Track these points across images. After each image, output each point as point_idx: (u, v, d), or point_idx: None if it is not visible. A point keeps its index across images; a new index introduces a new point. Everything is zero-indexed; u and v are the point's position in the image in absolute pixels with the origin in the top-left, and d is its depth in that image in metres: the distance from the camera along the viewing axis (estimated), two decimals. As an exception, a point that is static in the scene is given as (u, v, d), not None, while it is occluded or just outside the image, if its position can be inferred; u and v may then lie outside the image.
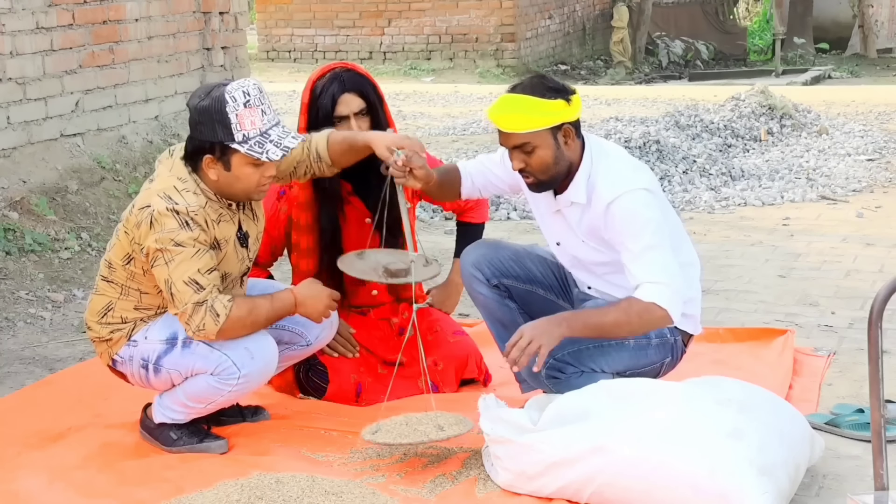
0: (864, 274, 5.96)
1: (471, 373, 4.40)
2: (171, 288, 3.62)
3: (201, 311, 3.60)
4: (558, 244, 3.91)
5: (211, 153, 3.65)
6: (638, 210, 3.66)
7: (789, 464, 3.34)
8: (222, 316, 3.60)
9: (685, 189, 8.12)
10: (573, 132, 3.70)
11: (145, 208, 3.63)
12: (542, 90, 3.66)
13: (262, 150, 3.62)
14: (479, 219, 4.54)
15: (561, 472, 3.39)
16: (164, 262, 3.61)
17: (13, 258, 5.96)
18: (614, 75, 18.11)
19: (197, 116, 3.66)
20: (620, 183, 3.69)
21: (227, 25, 8.45)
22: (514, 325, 4.01)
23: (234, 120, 3.60)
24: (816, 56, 20.43)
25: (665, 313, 3.64)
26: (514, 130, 3.67)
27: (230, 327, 3.63)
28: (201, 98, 3.66)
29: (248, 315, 3.66)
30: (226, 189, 3.70)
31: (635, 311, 3.63)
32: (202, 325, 3.61)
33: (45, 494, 3.53)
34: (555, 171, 3.72)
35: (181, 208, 3.61)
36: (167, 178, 3.69)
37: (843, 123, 10.68)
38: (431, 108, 13.01)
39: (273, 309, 3.73)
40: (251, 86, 3.65)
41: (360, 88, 4.15)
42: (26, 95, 6.73)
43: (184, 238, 3.60)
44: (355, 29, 17.68)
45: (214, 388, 3.75)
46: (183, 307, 3.61)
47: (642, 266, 3.66)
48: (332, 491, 3.41)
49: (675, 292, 3.66)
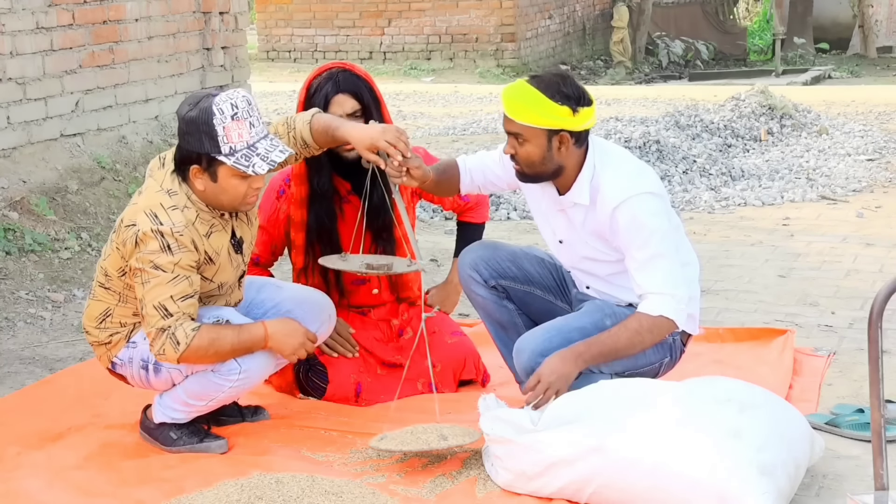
0: (864, 274, 5.96)
1: (469, 374, 4.40)
2: (144, 308, 3.64)
3: (163, 336, 3.62)
4: (560, 242, 3.91)
5: (198, 163, 3.64)
6: (644, 218, 3.66)
7: (789, 464, 3.34)
8: (182, 345, 3.61)
9: (685, 189, 8.12)
10: (570, 141, 3.69)
11: (131, 226, 3.63)
12: (555, 92, 3.65)
13: (248, 163, 3.60)
14: (480, 218, 4.54)
15: (561, 472, 3.39)
16: (140, 283, 3.63)
17: (13, 258, 5.96)
18: (614, 75, 18.11)
19: (185, 126, 3.64)
20: (626, 187, 3.69)
21: (227, 25, 8.44)
22: (513, 326, 4.02)
23: (220, 132, 3.59)
24: (816, 56, 20.42)
25: (672, 324, 3.69)
26: (513, 118, 3.69)
27: (191, 356, 3.64)
28: (190, 108, 3.64)
29: (210, 346, 3.64)
30: (213, 200, 3.69)
31: (646, 329, 3.66)
32: (162, 350, 3.63)
33: (45, 494, 3.53)
34: (540, 170, 3.73)
35: (166, 229, 3.60)
36: (155, 193, 3.67)
37: (843, 123, 10.68)
38: (431, 108, 13.01)
39: (239, 341, 3.70)
40: (240, 98, 3.63)
41: (354, 90, 4.14)
42: (26, 95, 6.72)
43: (163, 262, 3.59)
44: (355, 29, 17.68)
45: (215, 385, 3.75)
46: (149, 329, 3.64)
47: (648, 276, 3.67)
48: (332, 491, 3.41)
49: (680, 301, 3.69)
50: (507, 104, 3.70)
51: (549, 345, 3.70)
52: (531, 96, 3.66)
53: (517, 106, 3.68)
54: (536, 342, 3.74)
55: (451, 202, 4.47)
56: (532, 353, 3.71)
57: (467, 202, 4.48)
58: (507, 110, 3.70)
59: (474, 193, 4.12)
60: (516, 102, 3.68)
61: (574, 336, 3.71)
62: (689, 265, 3.87)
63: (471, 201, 4.49)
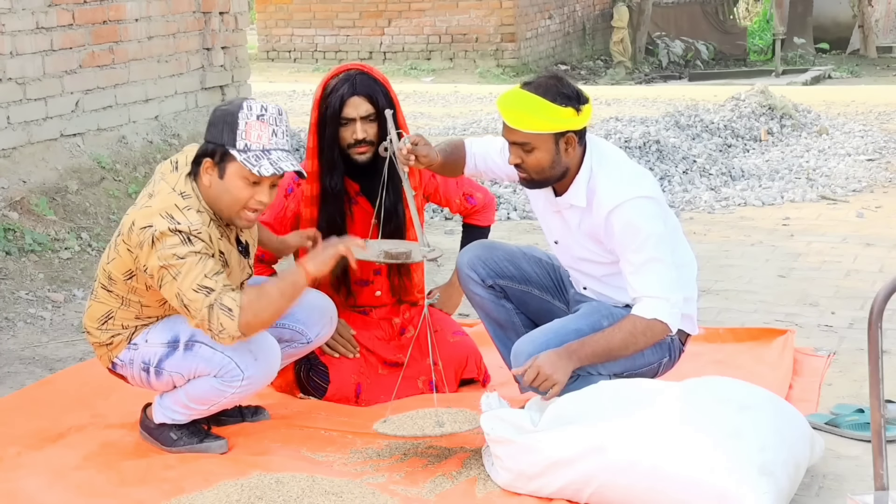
0: (864, 274, 5.96)
1: (470, 373, 4.41)
2: (184, 300, 3.56)
3: (214, 313, 3.54)
4: (556, 243, 3.91)
5: (211, 157, 3.64)
6: (640, 222, 3.66)
7: (789, 464, 3.34)
8: (235, 309, 3.53)
9: (685, 189, 8.12)
10: (576, 140, 3.69)
11: (147, 228, 3.59)
12: (555, 94, 3.63)
13: (256, 163, 3.60)
14: (486, 221, 4.56)
15: (561, 472, 3.39)
16: (171, 278, 3.57)
17: (13, 258, 5.96)
18: (614, 75, 18.11)
19: (213, 118, 3.68)
20: (622, 190, 3.68)
21: (227, 25, 8.45)
22: (511, 325, 4.02)
23: (242, 126, 3.60)
24: (816, 56, 20.42)
25: (666, 327, 3.69)
26: (518, 128, 3.66)
27: (248, 317, 3.54)
28: (227, 103, 3.71)
29: (259, 299, 3.58)
30: (215, 200, 3.66)
31: (640, 331, 3.67)
32: (220, 325, 3.55)
33: (45, 494, 3.53)
34: (549, 174, 3.72)
35: (183, 227, 3.58)
36: (168, 195, 3.65)
37: (843, 123, 10.67)
38: (431, 108, 13.01)
39: (282, 281, 3.66)
40: (272, 106, 3.67)
41: (370, 93, 4.15)
42: (26, 95, 6.72)
43: (186, 251, 3.56)
44: (355, 29, 17.68)
45: (218, 391, 3.75)
46: (199, 315, 3.56)
47: (643, 279, 3.67)
48: (332, 491, 3.41)
49: (673, 306, 3.69)
50: (509, 115, 3.66)
51: (547, 347, 3.69)
52: (533, 103, 3.63)
53: (520, 115, 3.64)
54: (534, 345, 3.74)
55: (458, 205, 4.48)
56: (530, 356, 3.70)
57: (474, 205, 4.49)
58: (510, 121, 3.66)
59: (476, 178, 4.11)
60: (519, 112, 3.64)
61: (571, 338, 3.71)
62: (687, 266, 3.87)
63: (478, 204, 4.50)
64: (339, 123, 4.15)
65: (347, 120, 4.14)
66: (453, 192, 4.45)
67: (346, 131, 4.15)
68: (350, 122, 4.14)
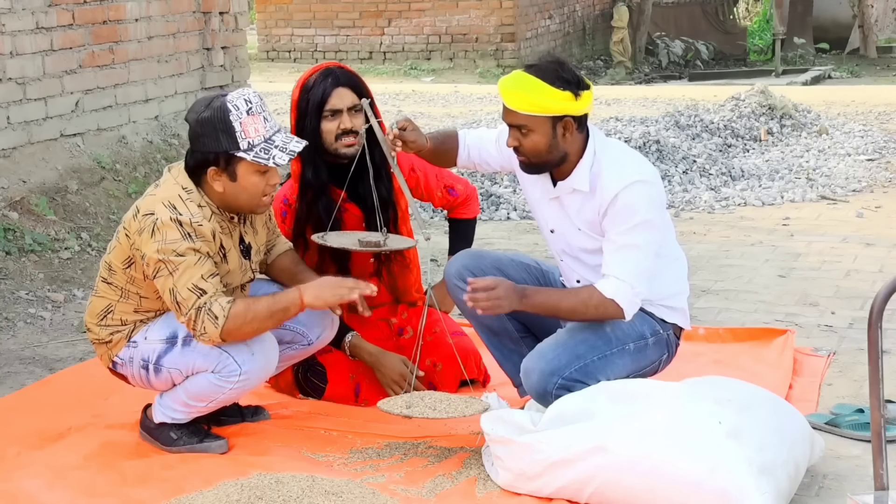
0: (864, 274, 5.96)
1: (470, 373, 4.40)
2: (176, 296, 3.60)
3: (201, 315, 3.59)
4: (552, 231, 3.90)
5: (215, 165, 3.64)
6: (640, 206, 3.66)
7: (789, 464, 3.34)
8: (220, 318, 3.58)
9: (685, 189, 8.12)
10: (574, 126, 3.69)
11: (149, 215, 3.62)
12: (554, 78, 3.64)
13: (267, 155, 3.61)
14: (471, 213, 4.55)
15: (561, 472, 3.39)
16: (167, 273, 3.60)
17: (13, 258, 5.96)
18: (614, 75, 18.11)
19: (199, 129, 3.64)
20: (630, 172, 3.68)
21: (227, 25, 8.45)
22: (504, 332, 4.01)
23: (238, 128, 3.60)
24: (816, 56, 20.41)
25: (620, 311, 3.70)
26: (516, 109, 3.66)
27: (231, 328, 3.60)
28: (201, 110, 3.65)
29: (247, 313, 3.61)
30: (231, 201, 3.69)
31: (593, 304, 3.69)
32: (203, 328, 3.60)
33: (45, 494, 3.53)
34: (546, 158, 3.72)
35: (185, 219, 3.59)
36: (172, 186, 3.67)
37: (843, 123, 10.67)
38: (431, 108, 13.00)
39: (275, 302, 3.66)
40: (251, 94, 3.66)
41: (353, 85, 4.14)
42: (26, 95, 6.72)
43: (186, 248, 3.58)
44: (355, 29, 17.68)
45: (216, 386, 3.75)
46: (187, 313, 3.60)
47: (617, 260, 3.68)
48: (332, 491, 3.41)
49: (636, 295, 3.70)
50: (508, 96, 3.67)
51: (558, 362, 3.68)
52: (532, 85, 3.64)
53: (518, 96, 3.65)
54: (544, 361, 3.71)
55: (441, 199, 4.46)
56: (542, 373, 3.69)
57: (456, 197, 4.48)
58: (509, 102, 3.67)
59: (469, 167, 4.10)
60: (517, 93, 3.65)
61: (581, 349, 3.71)
62: (677, 261, 3.88)
63: (460, 196, 4.48)
64: (322, 117, 4.11)
65: (334, 112, 4.11)
66: (434, 186, 4.42)
67: (332, 124, 4.10)
68: (337, 113, 4.11)
